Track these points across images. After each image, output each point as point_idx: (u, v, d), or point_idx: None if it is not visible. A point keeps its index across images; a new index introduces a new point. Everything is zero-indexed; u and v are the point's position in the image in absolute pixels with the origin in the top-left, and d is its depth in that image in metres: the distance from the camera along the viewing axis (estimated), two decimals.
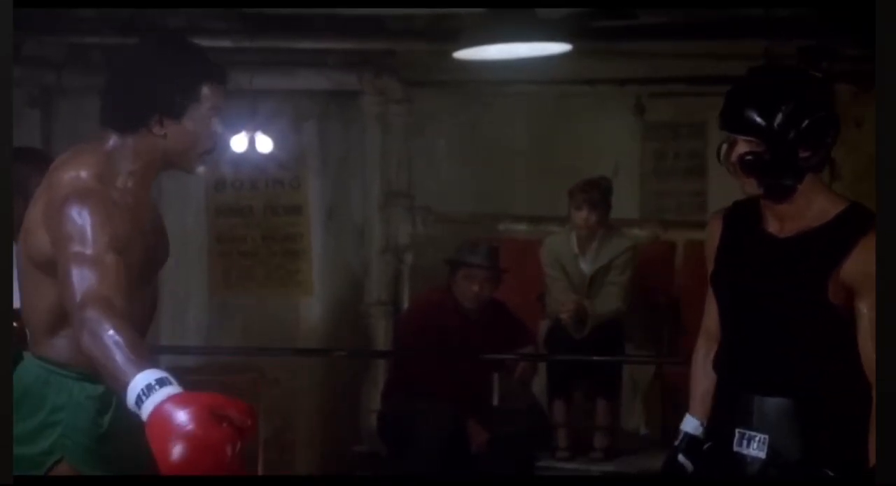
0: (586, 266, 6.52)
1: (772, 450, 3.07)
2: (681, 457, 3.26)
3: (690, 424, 3.29)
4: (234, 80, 7.75)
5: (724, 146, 3.03)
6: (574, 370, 6.51)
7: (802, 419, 3.06)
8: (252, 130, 6.88)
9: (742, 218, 3.17)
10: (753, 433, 3.09)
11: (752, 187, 3.03)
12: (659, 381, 7.23)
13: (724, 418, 3.16)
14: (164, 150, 2.94)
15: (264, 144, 6.94)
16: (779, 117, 2.93)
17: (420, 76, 7.55)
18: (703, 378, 3.28)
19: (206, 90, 2.93)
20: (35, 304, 2.94)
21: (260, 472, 6.58)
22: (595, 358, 6.35)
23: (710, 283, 3.20)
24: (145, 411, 2.46)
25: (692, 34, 6.56)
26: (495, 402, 6.77)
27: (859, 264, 2.94)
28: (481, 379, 6.45)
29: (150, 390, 2.47)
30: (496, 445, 6.06)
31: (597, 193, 6.43)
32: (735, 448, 3.12)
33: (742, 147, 2.98)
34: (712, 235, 3.23)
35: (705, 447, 3.25)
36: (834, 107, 3.01)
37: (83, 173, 2.87)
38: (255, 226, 7.69)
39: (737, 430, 3.11)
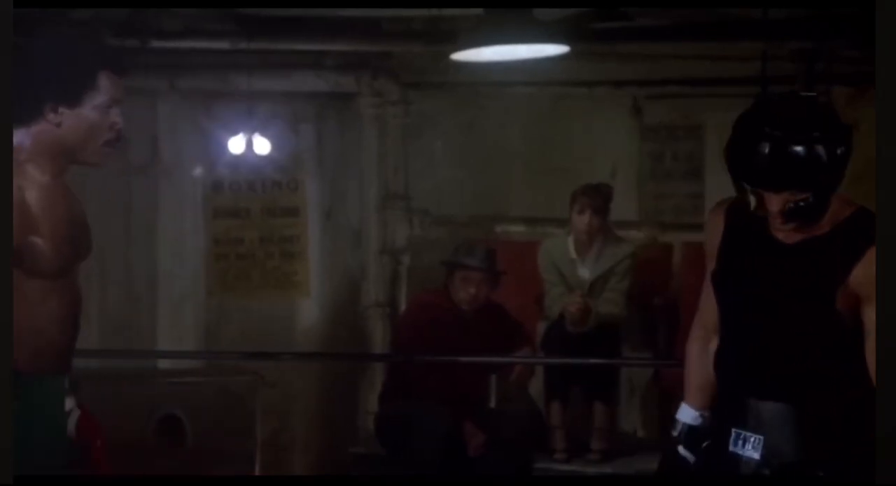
0: (585, 272, 6.47)
1: (767, 451, 3.06)
2: (681, 449, 3.21)
3: (688, 414, 3.23)
4: (232, 81, 7.77)
5: (752, 199, 2.92)
6: (571, 372, 6.50)
7: (799, 424, 3.04)
8: (249, 131, 6.87)
9: (745, 218, 3.07)
10: (749, 434, 3.08)
11: (786, 227, 2.96)
12: (656, 383, 7.24)
13: (723, 417, 3.15)
14: (62, 140, 2.90)
15: (261, 146, 6.93)
16: (822, 161, 2.83)
17: (417, 78, 7.55)
18: (699, 370, 3.23)
19: (103, 79, 2.90)
20: None
21: (257, 473, 6.58)
22: (592, 361, 6.34)
23: (711, 280, 3.15)
24: None
25: (689, 36, 6.56)
26: (492, 404, 6.77)
27: (868, 271, 2.90)
28: (478, 381, 6.45)
29: None
30: (493, 447, 6.05)
31: (599, 199, 6.41)
32: (731, 448, 3.11)
33: (783, 197, 2.89)
34: (714, 229, 3.16)
35: (704, 444, 3.22)
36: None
37: None
38: (252, 228, 7.69)
39: (733, 430, 3.10)
